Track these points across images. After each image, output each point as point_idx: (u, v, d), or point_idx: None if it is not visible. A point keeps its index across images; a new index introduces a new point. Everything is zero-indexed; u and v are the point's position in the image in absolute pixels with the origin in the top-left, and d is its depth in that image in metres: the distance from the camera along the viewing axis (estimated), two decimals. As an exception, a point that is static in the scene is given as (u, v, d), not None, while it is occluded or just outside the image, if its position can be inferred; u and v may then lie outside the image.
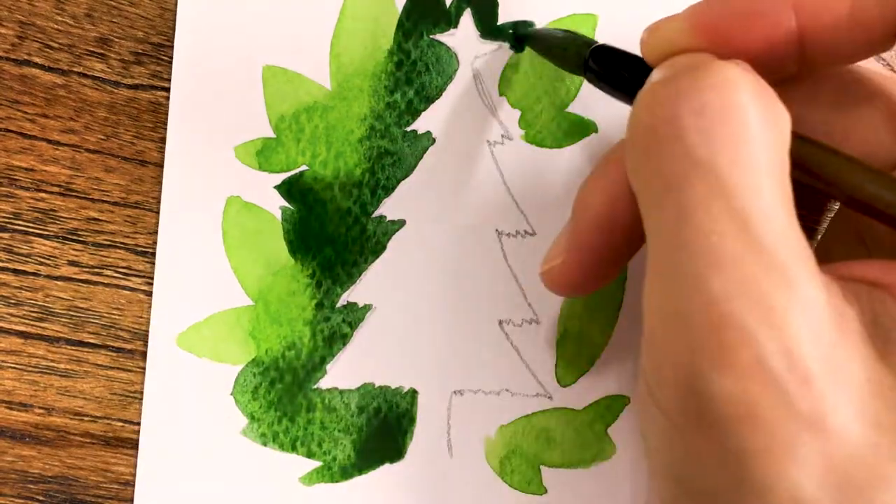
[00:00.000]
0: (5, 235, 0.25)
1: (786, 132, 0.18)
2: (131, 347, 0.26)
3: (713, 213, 0.17)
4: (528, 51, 0.28)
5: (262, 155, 0.26)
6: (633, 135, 0.19)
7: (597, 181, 0.23)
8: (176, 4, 0.26)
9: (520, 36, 0.27)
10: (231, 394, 0.26)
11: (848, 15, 0.19)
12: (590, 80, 0.24)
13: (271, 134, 0.26)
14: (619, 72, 0.23)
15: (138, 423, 0.25)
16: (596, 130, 0.28)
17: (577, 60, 0.24)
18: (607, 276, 0.24)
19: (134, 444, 0.25)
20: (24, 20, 0.25)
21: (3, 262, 0.25)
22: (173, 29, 0.26)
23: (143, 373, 0.25)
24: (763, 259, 0.17)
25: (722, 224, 0.17)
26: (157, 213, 0.26)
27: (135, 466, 0.25)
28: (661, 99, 0.18)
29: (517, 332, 0.28)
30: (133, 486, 0.25)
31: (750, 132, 0.17)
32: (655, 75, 0.20)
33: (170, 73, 0.26)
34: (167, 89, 0.26)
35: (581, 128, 0.28)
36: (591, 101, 0.28)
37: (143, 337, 0.26)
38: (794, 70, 0.21)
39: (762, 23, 0.20)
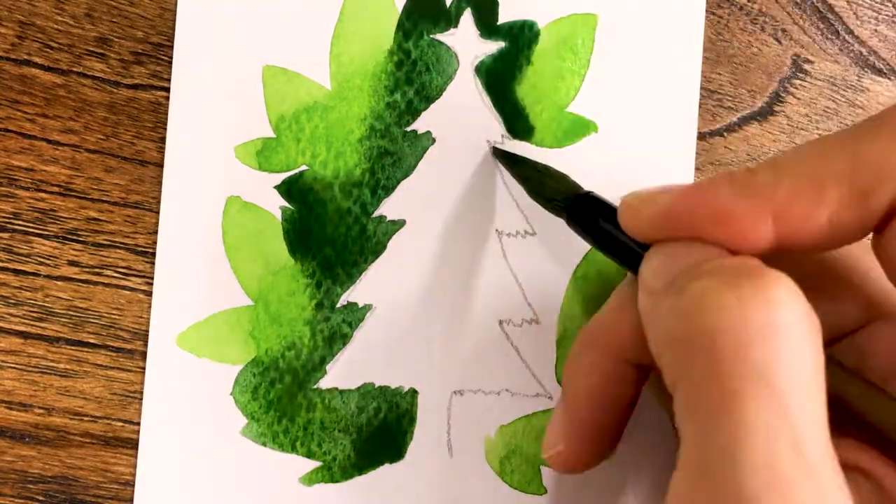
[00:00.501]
0: (5, 235, 0.25)
1: (821, 337, 0.18)
2: (131, 347, 0.26)
3: (773, 435, 0.17)
4: (528, 51, 0.28)
5: (262, 155, 0.26)
6: (685, 334, 0.19)
7: (582, 361, 0.23)
8: (176, 4, 0.26)
9: (500, 157, 0.27)
10: (231, 394, 0.26)
11: (826, 224, 0.20)
12: (568, 224, 0.24)
13: (271, 134, 0.26)
14: (593, 218, 0.23)
15: (138, 423, 0.25)
16: (596, 130, 0.28)
17: (558, 202, 0.25)
18: (611, 446, 0.24)
19: (134, 444, 0.25)
20: (23, 20, 0.25)
21: (3, 262, 0.25)
22: (173, 29, 0.26)
23: (143, 373, 0.25)
24: (813, 483, 0.17)
25: (781, 446, 0.17)
26: (157, 213, 0.26)
27: (135, 466, 0.25)
28: (721, 305, 0.18)
29: (517, 332, 0.28)
30: (133, 486, 0.25)
31: (804, 350, 0.18)
32: (705, 278, 0.19)
33: (170, 73, 0.26)
34: (167, 89, 0.26)
35: (581, 128, 0.28)
36: (591, 101, 0.28)
37: (143, 337, 0.26)
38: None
39: (739, 227, 0.20)
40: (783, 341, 0.18)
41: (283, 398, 0.26)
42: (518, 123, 0.28)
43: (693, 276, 0.19)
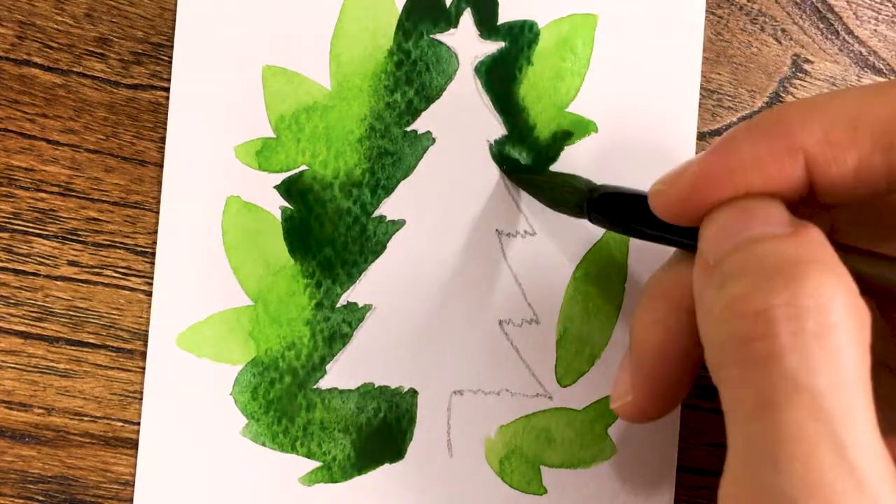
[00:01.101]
0: (5, 235, 0.25)
1: (869, 334, 0.18)
2: (131, 347, 0.26)
3: (812, 440, 0.17)
4: (528, 51, 0.28)
5: (262, 155, 0.26)
6: (723, 337, 0.19)
7: (647, 317, 0.23)
8: (176, 4, 0.26)
9: (514, 177, 0.27)
10: (231, 394, 0.26)
11: (854, 168, 0.19)
12: (594, 222, 0.24)
13: (271, 134, 0.26)
14: (624, 214, 0.23)
15: (138, 423, 0.25)
16: (596, 130, 0.28)
17: (577, 207, 0.25)
18: (678, 398, 0.24)
19: (134, 444, 0.25)
20: (23, 20, 0.25)
21: (2, 262, 0.25)
22: (173, 29, 0.26)
23: (143, 373, 0.25)
24: (857, 486, 0.17)
25: (821, 451, 0.17)
26: (157, 213, 0.26)
27: (134, 466, 0.25)
28: (754, 310, 0.18)
29: (517, 332, 0.28)
30: (133, 486, 0.25)
31: (845, 352, 0.17)
32: (742, 278, 0.19)
33: (170, 73, 0.26)
34: (167, 89, 0.26)
35: (581, 128, 0.28)
36: (591, 101, 0.28)
37: (143, 337, 0.26)
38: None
39: (769, 173, 0.20)
40: (820, 345, 0.17)
41: (282, 398, 0.26)
42: (518, 123, 0.28)
43: (734, 268, 0.19)
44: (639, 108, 0.28)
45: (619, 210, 0.24)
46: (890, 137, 0.19)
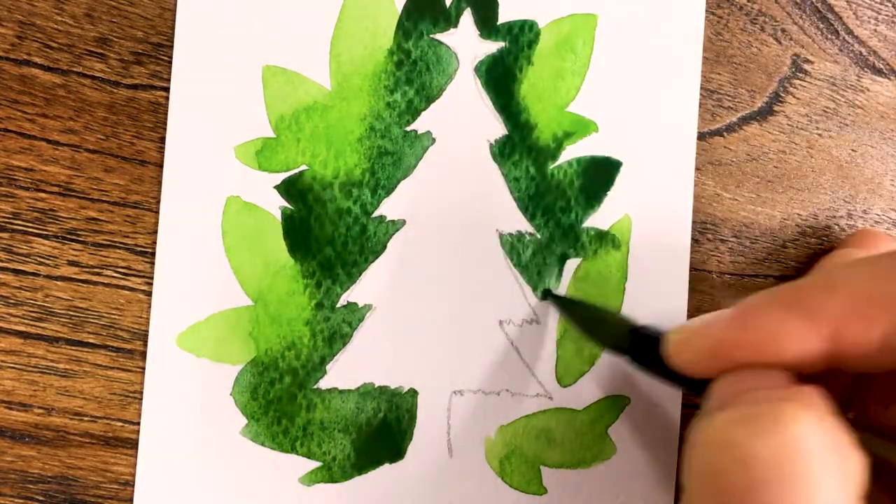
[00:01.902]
0: (5, 235, 0.25)
1: (856, 480, 0.18)
2: (131, 347, 0.26)
3: None
4: (528, 51, 0.28)
5: (262, 155, 0.26)
6: (697, 467, 0.19)
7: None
8: (176, 4, 0.26)
9: (553, 302, 0.28)
10: (230, 394, 0.26)
11: (879, 345, 0.19)
12: (630, 362, 0.24)
13: (271, 134, 0.26)
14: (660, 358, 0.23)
15: (138, 423, 0.25)
16: (596, 130, 0.28)
17: (617, 342, 0.25)
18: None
19: (133, 444, 0.25)
20: (23, 20, 0.25)
21: (2, 262, 0.25)
22: (173, 29, 0.26)
23: (143, 373, 0.25)
24: None
25: None
26: (157, 213, 0.26)
27: (134, 466, 0.25)
28: (728, 442, 0.18)
29: (517, 332, 0.28)
30: (132, 486, 0.25)
31: (825, 487, 0.17)
32: (724, 412, 0.19)
33: (170, 73, 0.26)
34: (167, 89, 0.26)
35: (581, 128, 0.28)
36: (591, 101, 0.28)
37: (143, 337, 0.26)
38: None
39: (792, 349, 0.20)
40: (796, 481, 0.17)
41: (282, 398, 0.26)
42: (518, 123, 0.28)
43: (721, 406, 0.19)
44: (639, 108, 0.29)
45: (649, 351, 0.23)
46: None
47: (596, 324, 0.27)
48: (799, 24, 0.30)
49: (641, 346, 0.24)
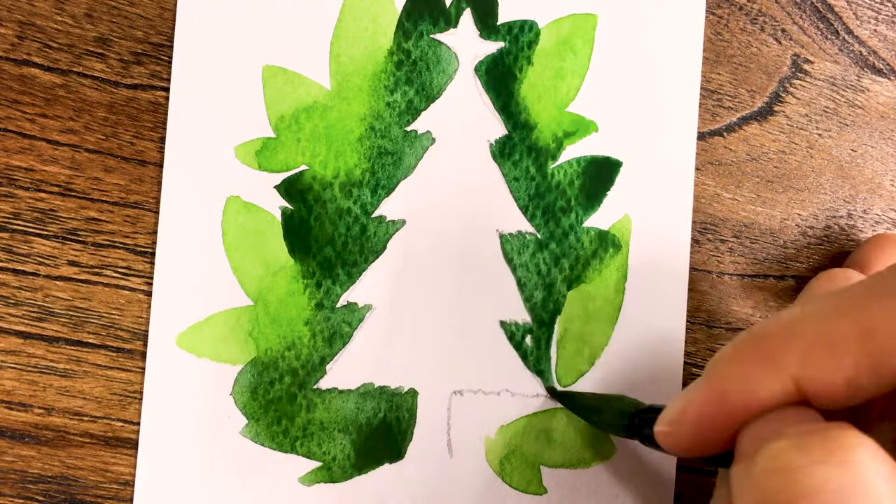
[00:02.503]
0: (5, 235, 0.25)
1: None
2: (131, 347, 0.26)
3: None
4: (528, 51, 0.28)
5: (262, 155, 0.26)
6: (757, 497, 0.18)
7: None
8: (176, 4, 0.26)
9: (556, 396, 0.28)
10: (231, 394, 0.26)
11: (845, 386, 0.19)
12: (644, 444, 0.24)
13: (271, 134, 0.26)
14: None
15: (138, 423, 0.25)
16: (596, 130, 0.28)
17: (624, 429, 0.25)
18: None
19: (133, 444, 0.25)
20: (23, 20, 0.25)
21: (2, 262, 0.25)
22: (173, 29, 0.26)
23: (143, 373, 0.25)
24: None
25: None
26: (157, 213, 0.26)
27: (134, 466, 0.25)
28: (792, 468, 0.17)
29: (517, 332, 0.28)
30: (132, 486, 0.25)
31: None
32: (781, 440, 0.18)
33: (170, 73, 0.26)
34: (167, 89, 0.26)
35: (581, 128, 0.28)
36: (591, 101, 0.28)
37: (143, 337, 0.26)
38: None
39: (764, 398, 0.20)
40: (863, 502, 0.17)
41: (282, 398, 0.26)
42: (518, 123, 0.28)
43: (764, 440, 0.19)
44: (639, 108, 0.29)
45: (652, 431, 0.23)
46: (871, 358, 0.19)
47: (600, 413, 0.27)
48: (799, 24, 0.30)
49: (644, 429, 0.24)
